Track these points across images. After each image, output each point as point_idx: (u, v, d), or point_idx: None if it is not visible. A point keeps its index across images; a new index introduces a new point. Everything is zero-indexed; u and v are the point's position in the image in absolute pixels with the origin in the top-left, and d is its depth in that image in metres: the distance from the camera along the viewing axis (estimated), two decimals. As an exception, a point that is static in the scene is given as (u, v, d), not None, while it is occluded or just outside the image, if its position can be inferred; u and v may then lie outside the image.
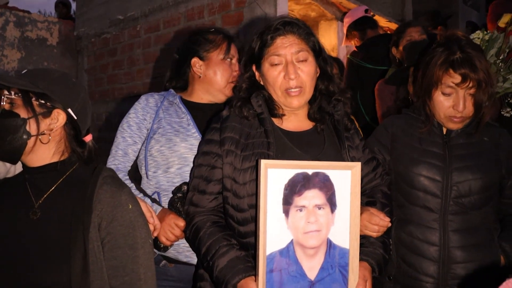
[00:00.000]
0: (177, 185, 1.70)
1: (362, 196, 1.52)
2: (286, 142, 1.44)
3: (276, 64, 1.44)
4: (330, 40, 4.07)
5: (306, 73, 1.44)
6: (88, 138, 1.32)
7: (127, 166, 1.77)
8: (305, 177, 1.29)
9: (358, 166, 1.34)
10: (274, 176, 1.28)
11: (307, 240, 1.30)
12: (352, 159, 1.45)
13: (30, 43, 4.67)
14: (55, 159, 1.25)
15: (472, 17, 6.22)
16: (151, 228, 1.43)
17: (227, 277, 1.32)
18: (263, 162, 1.28)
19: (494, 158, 1.64)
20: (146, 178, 1.77)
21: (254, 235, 1.36)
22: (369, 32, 3.45)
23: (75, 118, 1.26)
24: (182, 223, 1.56)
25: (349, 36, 3.58)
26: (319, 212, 1.30)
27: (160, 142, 1.74)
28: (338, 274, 1.32)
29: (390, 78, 2.75)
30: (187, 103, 1.85)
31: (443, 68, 1.56)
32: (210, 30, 1.92)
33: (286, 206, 1.29)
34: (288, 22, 1.45)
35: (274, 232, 1.28)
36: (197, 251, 1.47)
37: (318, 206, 1.31)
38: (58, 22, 4.98)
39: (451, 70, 1.55)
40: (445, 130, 1.67)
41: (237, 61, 1.88)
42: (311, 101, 1.52)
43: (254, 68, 1.51)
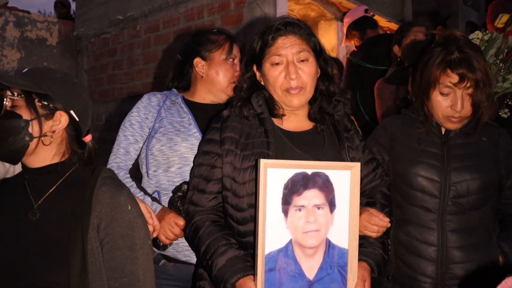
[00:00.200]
0: (177, 184, 1.70)
1: (361, 196, 1.52)
2: (286, 142, 1.44)
3: (277, 64, 1.44)
4: (329, 40, 4.07)
5: (307, 73, 1.44)
6: (87, 138, 1.32)
7: (129, 164, 1.78)
8: (304, 177, 1.30)
9: (357, 166, 1.34)
10: (274, 175, 1.28)
11: (306, 239, 1.30)
12: (351, 160, 1.45)
13: (30, 43, 4.67)
14: (56, 160, 1.25)
15: (472, 17, 6.21)
16: (150, 229, 1.43)
17: (226, 276, 1.33)
18: (263, 162, 1.28)
19: (492, 158, 1.64)
20: (147, 177, 1.78)
21: (253, 235, 1.36)
22: (369, 32, 3.45)
23: (77, 119, 1.26)
24: (182, 222, 1.56)
25: (348, 36, 3.57)
26: (318, 212, 1.31)
27: (161, 142, 1.75)
28: (337, 274, 1.32)
29: (389, 77, 2.75)
30: (189, 103, 1.86)
31: (441, 68, 1.56)
32: (212, 30, 1.94)
33: (285, 205, 1.29)
34: (289, 23, 1.45)
35: (273, 231, 1.28)
36: (196, 250, 1.47)
37: (317, 206, 1.31)
38: (57, 22, 4.98)
39: (449, 70, 1.55)
40: (443, 130, 1.67)
41: (239, 61, 1.89)
42: (312, 101, 1.53)
43: (255, 68, 1.52)
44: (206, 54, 1.85)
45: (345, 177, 1.33)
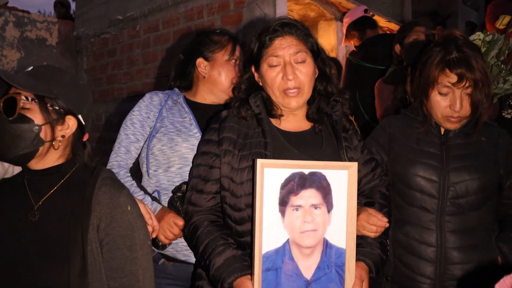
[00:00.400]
0: (177, 184, 1.71)
1: (360, 196, 1.52)
2: (284, 142, 1.44)
3: (274, 65, 1.44)
4: (329, 40, 4.06)
5: (305, 74, 1.44)
6: (85, 137, 1.32)
7: (129, 163, 1.78)
8: (301, 176, 1.30)
9: (354, 166, 1.34)
10: (270, 175, 1.28)
11: (303, 239, 1.30)
12: (350, 160, 1.45)
13: (30, 43, 4.67)
14: (59, 162, 1.25)
15: (471, 17, 6.21)
16: (150, 229, 1.44)
17: (223, 275, 1.33)
18: (259, 162, 1.28)
19: (492, 158, 1.64)
20: (147, 176, 1.78)
21: (251, 234, 1.36)
22: (368, 32, 3.45)
23: (83, 123, 1.27)
24: (181, 222, 1.56)
25: (348, 36, 3.57)
26: (316, 211, 1.31)
27: (162, 141, 1.76)
28: (334, 274, 1.33)
29: (388, 77, 2.75)
30: (191, 103, 1.86)
31: (439, 67, 1.55)
32: (215, 31, 1.94)
33: (282, 205, 1.29)
34: (286, 24, 1.45)
35: (270, 231, 1.28)
36: (194, 250, 1.48)
37: (315, 206, 1.31)
38: (57, 22, 4.98)
39: (447, 69, 1.54)
40: (443, 130, 1.67)
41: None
42: (310, 101, 1.53)
43: (253, 69, 1.52)
44: (209, 55, 1.85)
45: (342, 176, 1.33)
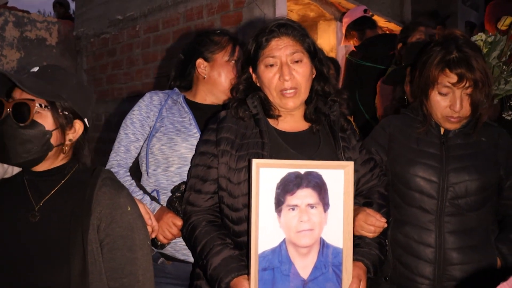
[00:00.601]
0: (176, 184, 1.71)
1: (359, 196, 1.52)
2: (281, 142, 1.44)
3: (271, 65, 1.44)
4: (329, 40, 4.06)
5: (301, 74, 1.44)
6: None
7: (129, 162, 1.79)
8: (297, 176, 1.30)
9: (350, 165, 1.34)
10: (266, 175, 1.28)
11: (300, 239, 1.30)
12: (347, 160, 1.45)
13: (29, 43, 4.68)
14: (61, 163, 1.26)
15: (471, 17, 6.20)
16: (149, 229, 1.44)
17: (220, 275, 1.33)
18: (255, 162, 1.28)
19: (492, 159, 1.63)
20: (146, 176, 1.79)
21: (248, 234, 1.36)
22: (368, 32, 3.44)
23: (88, 126, 1.28)
24: (179, 222, 1.57)
25: (348, 36, 3.57)
26: (312, 211, 1.31)
27: (161, 141, 1.76)
28: (331, 274, 1.32)
29: (388, 77, 2.74)
30: (190, 103, 1.86)
31: (439, 67, 1.55)
32: (216, 31, 1.94)
33: (278, 205, 1.29)
34: (282, 24, 1.46)
35: (266, 231, 1.28)
36: (192, 250, 1.48)
37: (311, 205, 1.31)
38: (57, 22, 4.99)
39: (447, 69, 1.54)
40: (442, 131, 1.66)
41: None
42: (308, 101, 1.53)
43: (250, 70, 1.52)
44: (209, 55, 1.85)
45: (338, 176, 1.33)
